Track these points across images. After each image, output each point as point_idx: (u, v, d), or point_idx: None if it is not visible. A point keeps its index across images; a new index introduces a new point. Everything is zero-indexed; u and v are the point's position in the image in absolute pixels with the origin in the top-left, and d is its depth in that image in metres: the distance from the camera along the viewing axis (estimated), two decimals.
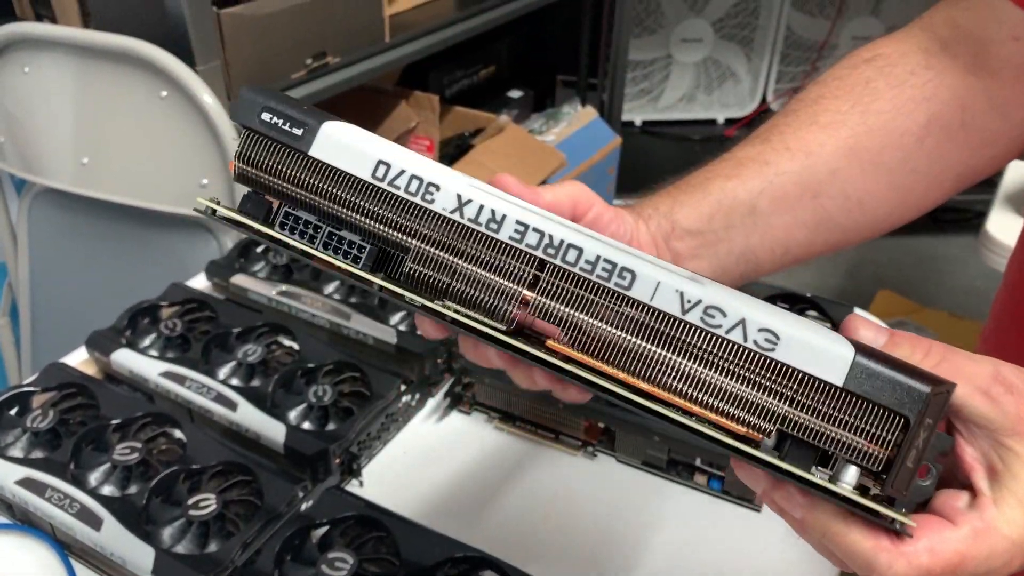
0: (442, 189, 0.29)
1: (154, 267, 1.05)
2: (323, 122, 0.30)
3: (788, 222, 0.41)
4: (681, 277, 0.27)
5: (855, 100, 0.41)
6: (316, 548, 0.48)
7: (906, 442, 0.25)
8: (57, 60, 0.99)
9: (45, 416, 0.57)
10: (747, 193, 0.40)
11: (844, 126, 0.41)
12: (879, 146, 0.41)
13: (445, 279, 0.29)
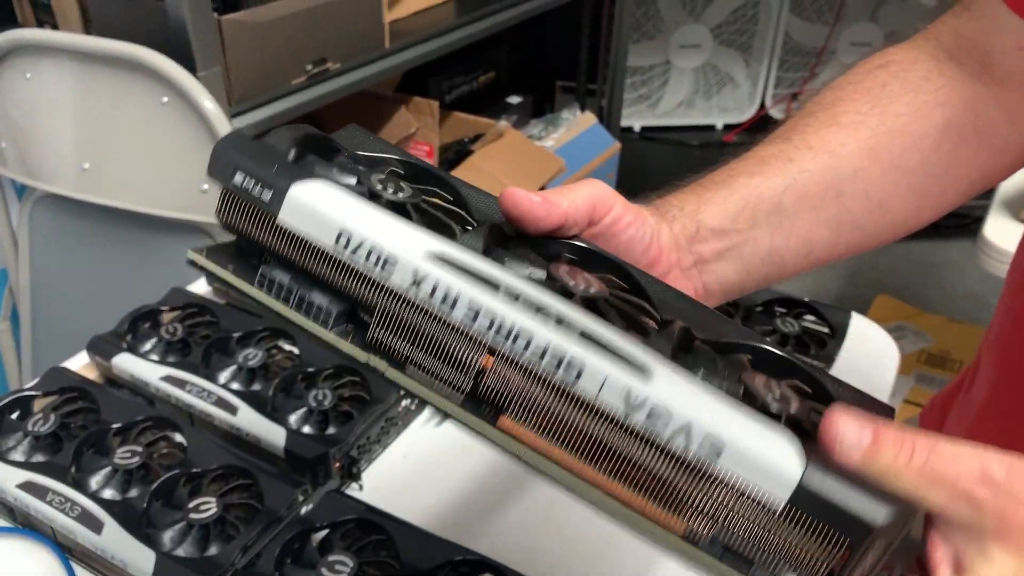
0: (399, 264, 0.29)
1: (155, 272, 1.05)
2: (292, 184, 0.30)
3: (812, 221, 0.40)
4: (630, 376, 0.26)
5: (873, 102, 0.41)
6: (316, 551, 0.48)
7: (850, 565, 0.24)
8: (58, 66, 1.00)
9: (46, 420, 0.57)
10: (771, 190, 0.39)
11: (865, 127, 0.41)
12: (899, 148, 0.41)
13: (405, 349, 0.29)
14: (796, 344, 0.65)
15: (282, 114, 1.09)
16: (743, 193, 0.39)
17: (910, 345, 1.78)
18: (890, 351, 0.73)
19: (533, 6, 1.60)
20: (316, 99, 1.13)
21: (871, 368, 0.70)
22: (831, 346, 0.65)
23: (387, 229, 0.29)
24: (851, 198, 0.40)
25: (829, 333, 0.66)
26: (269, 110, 1.07)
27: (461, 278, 0.28)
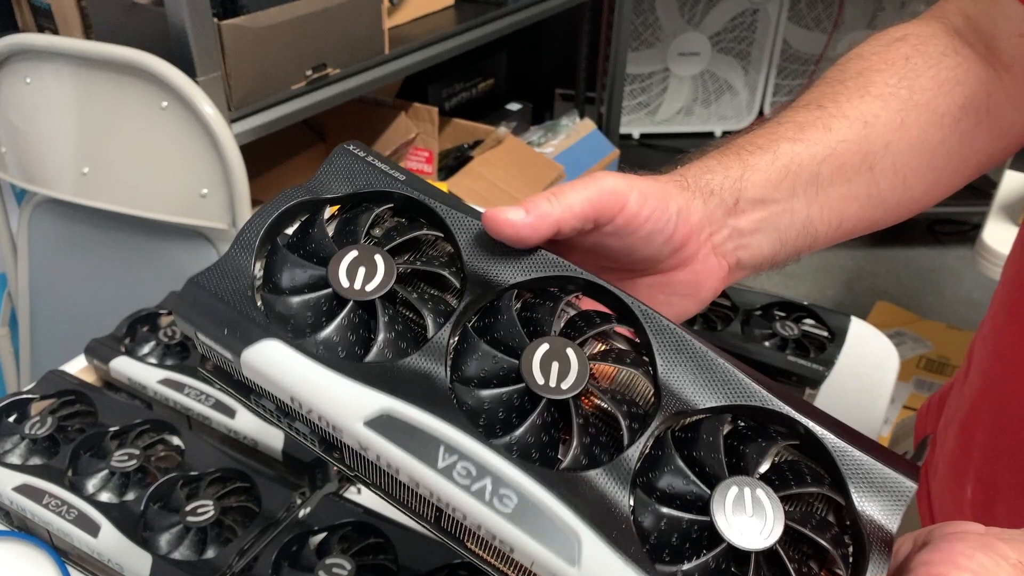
0: (344, 433, 0.30)
1: (154, 276, 1.05)
2: (243, 350, 0.31)
3: (845, 193, 0.39)
4: (556, 559, 0.27)
5: (901, 75, 0.40)
6: (314, 554, 0.48)
7: None
8: (58, 71, 1.00)
9: (43, 423, 0.57)
10: (811, 159, 0.38)
11: (895, 99, 0.40)
12: (925, 123, 0.40)
13: (378, 483, 0.32)
14: (795, 347, 0.65)
15: (282, 119, 1.09)
16: (785, 161, 0.38)
17: (909, 351, 1.78)
18: (890, 355, 0.73)
19: (532, 13, 1.61)
20: (315, 104, 1.13)
21: (871, 372, 0.70)
22: (830, 350, 0.65)
23: (331, 397, 0.30)
24: (881, 172, 0.40)
25: (828, 337, 0.66)
26: (268, 115, 1.07)
27: (400, 447, 0.29)
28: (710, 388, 0.31)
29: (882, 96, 0.40)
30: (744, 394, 0.31)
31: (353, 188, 0.36)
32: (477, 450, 0.29)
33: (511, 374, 0.31)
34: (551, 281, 0.33)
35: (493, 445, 0.29)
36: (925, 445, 0.57)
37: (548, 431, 0.30)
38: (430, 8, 1.42)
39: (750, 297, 0.70)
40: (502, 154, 1.59)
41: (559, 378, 0.30)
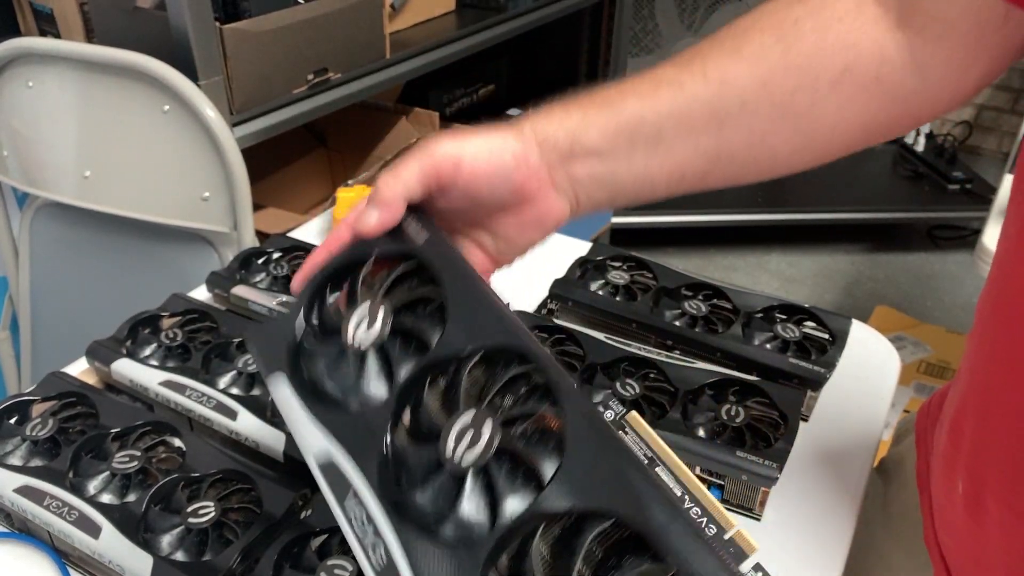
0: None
1: (155, 280, 1.05)
2: (265, 377, 0.42)
3: (689, 149, 0.41)
4: None
5: (780, 37, 0.41)
6: (315, 555, 0.48)
7: None
8: (60, 74, 1.00)
9: (44, 425, 0.57)
10: (656, 115, 0.40)
11: (764, 61, 0.40)
12: (793, 87, 0.40)
13: None
14: (797, 349, 0.65)
15: (283, 123, 1.09)
16: (627, 116, 0.40)
17: (909, 355, 1.78)
18: (891, 357, 0.73)
19: (533, 19, 1.61)
20: (317, 108, 1.13)
21: (872, 374, 0.70)
22: (832, 352, 0.65)
23: (299, 431, 0.39)
24: (733, 130, 0.41)
25: (830, 339, 0.66)
26: (270, 119, 1.08)
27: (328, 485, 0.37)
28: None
29: (752, 56, 0.40)
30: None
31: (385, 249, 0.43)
32: (371, 503, 0.33)
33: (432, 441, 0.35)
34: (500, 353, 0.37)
35: (388, 502, 0.33)
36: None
37: (447, 496, 0.33)
38: (431, 13, 1.43)
39: (751, 299, 0.70)
40: None
41: (468, 447, 0.34)
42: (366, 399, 0.38)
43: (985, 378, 0.46)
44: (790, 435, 0.57)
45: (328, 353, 0.40)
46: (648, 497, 0.31)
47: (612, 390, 0.60)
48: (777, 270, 2.21)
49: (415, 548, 0.32)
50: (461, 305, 0.39)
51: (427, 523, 0.33)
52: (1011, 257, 0.40)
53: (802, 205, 2.16)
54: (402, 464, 0.35)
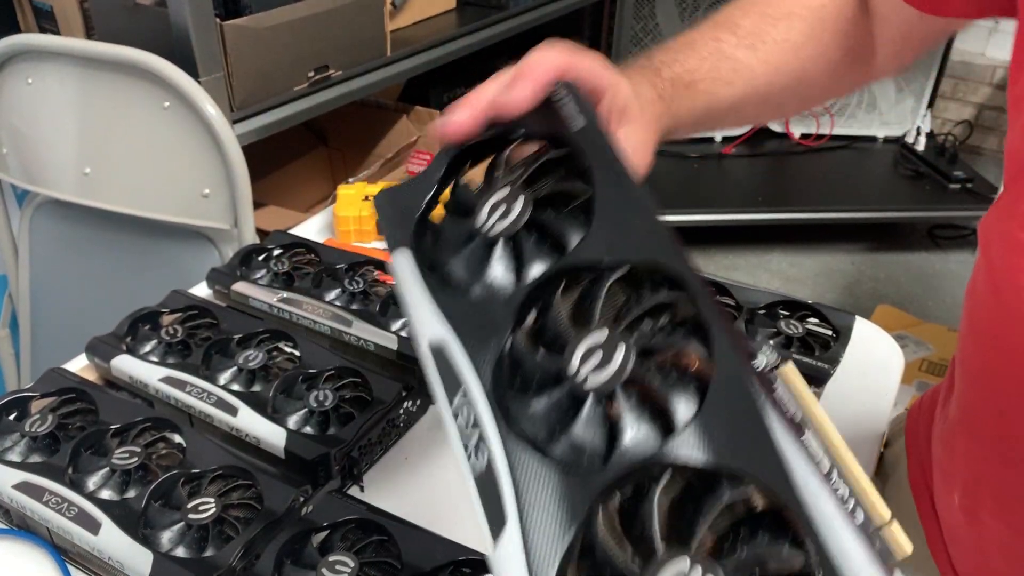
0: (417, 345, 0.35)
1: (156, 277, 1.05)
2: (391, 251, 0.39)
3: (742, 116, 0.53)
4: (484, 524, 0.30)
5: (811, 27, 0.51)
6: (316, 552, 0.48)
7: None
8: (60, 71, 1.00)
9: (44, 421, 0.56)
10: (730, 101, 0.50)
11: (803, 50, 0.51)
12: (819, 71, 0.52)
13: None
14: (800, 346, 0.64)
15: (284, 120, 1.09)
16: (709, 104, 0.49)
17: (911, 354, 1.77)
18: (894, 354, 0.72)
19: (533, 17, 1.61)
20: (317, 106, 1.13)
21: (875, 371, 0.70)
22: (835, 348, 0.64)
23: (416, 312, 0.36)
24: (771, 105, 0.53)
25: (833, 336, 0.66)
26: (271, 116, 1.07)
27: (439, 375, 0.33)
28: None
29: (795, 48, 0.51)
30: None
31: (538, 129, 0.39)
32: (481, 405, 0.30)
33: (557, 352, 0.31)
34: (649, 271, 0.33)
35: (498, 407, 0.30)
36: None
37: (562, 415, 0.30)
38: (432, 11, 1.43)
39: (754, 296, 0.69)
40: None
41: (595, 369, 0.30)
42: (491, 290, 0.34)
43: (971, 398, 0.46)
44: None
45: (457, 233, 0.36)
46: (798, 469, 0.26)
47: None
48: (778, 269, 2.21)
49: (520, 462, 0.29)
50: (612, 207, 0.34)
51: (537, 438, 0.29)
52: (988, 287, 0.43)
53: (803, 204, 2.16)
54: (519, 368, 0.31)
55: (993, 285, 0.42)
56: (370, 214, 0.88)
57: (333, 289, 0.72)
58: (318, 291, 0.72)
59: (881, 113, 2.46)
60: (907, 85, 2.40)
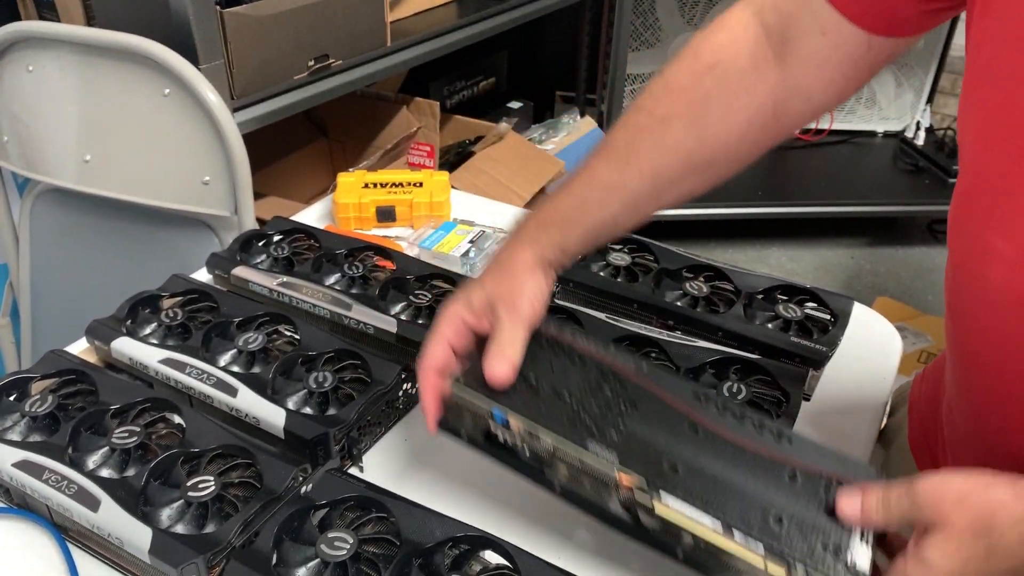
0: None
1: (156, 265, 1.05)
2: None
3: (634, 220, 0.53)
4: None
5: (693, 121, 0.50)
6: (315, 529, 0.48)
7: None
8: (60, 58, 1.00)
9: (44, 401, 0.56)
10: (612, 217, 0.52)
11: (683, 148, 0.50)
12: (710, 156, 0.51)
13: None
14: (798, 328, 0.65)
15: (284, 109, 1.09)
16: (592, 227, 0.52)
17: (910, 345, 1.77)
18: (892, 339, 0.72)
19: (533, 8, 1.61)
20: (317, 95, 1.13)
21: (874, 355, 0.70)
22: (834, 331, 0.64)
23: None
24: (668, 197, 0.52)
25: (831, 319, 0.66)
26: (271, 104, 1.07)
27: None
28: None
29: (674, 147, 0.51)
30: None
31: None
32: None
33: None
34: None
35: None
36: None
37: None
38: (432, 2, 1.43)
39: (752, 280, 0.70)
40: (503, 150, 1.59)
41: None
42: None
43: (957, 375, 0.48)
44: (792, 413, 0.57)
45: None
46: None
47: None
48: (778, 263, 2.21)
49: None
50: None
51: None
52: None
53: (802, 199, 2.16)
54: None
55: (963, 282, 0.44)
56: (369, 201, 0.88)
57: (333, 274, 0.72)
58: (318, 275, 0.72)
59: (880, 108, 2.46)
60: (906, 80, 2.40)
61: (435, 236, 0.85)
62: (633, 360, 0.51)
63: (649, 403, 0.47)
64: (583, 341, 0.51)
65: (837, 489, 0.42)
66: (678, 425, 0.46)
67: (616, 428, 0.45)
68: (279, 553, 0.46)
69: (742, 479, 0.44)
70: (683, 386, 0.49)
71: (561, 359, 0.50)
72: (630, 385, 0.48)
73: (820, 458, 0.44)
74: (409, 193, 0.89)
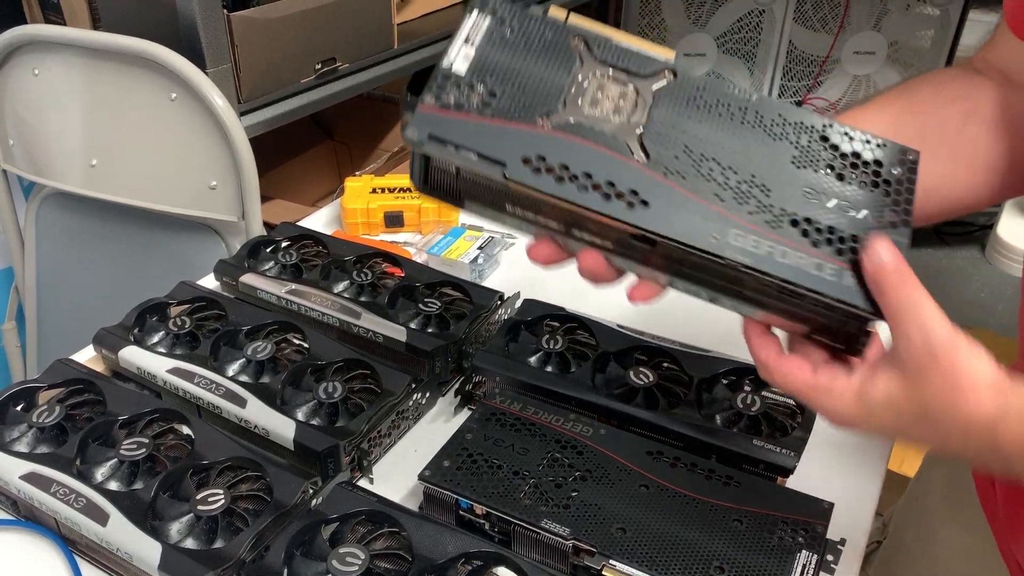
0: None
1: (162, 270, 1.05)
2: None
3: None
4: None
5: (953, 143, 0.47)
6: (327, 543, 0.47)
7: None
8: (67, 62, 0.99)
9: (51, 412, 0.56)
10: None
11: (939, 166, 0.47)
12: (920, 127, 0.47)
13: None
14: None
15: (291, 112, 1.08)
16: None
17: None
18: None
19: None
20: (325, 98, 1.13)
21: None
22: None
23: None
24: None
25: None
26: (278, 108, 1.07)
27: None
28: None
29: (951, 99, 0.48)
30: None
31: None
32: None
33: None
34: None
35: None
36: None
37: None
38: (439, 4, 1.42)
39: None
40: None
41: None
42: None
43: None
44: (807, 423, 0.56)
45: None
46: None
47: (626, 378, 0.59)
48: None
49: None
50: None
51: None
52: None
53: None
54: None
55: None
56: (378, 207, 0.88)
57: (341, 281, 0.71)
58: (326, 283, 0.71)
59: None
60: None
61: (443, 242, 0.84)
62: (592, 426, 0.55)
63: (603, 468, 0.52)
64: (544, 414, 0.55)
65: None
66: (629, 486, 0.50)
67: (569, 498, 0.49)
68: (290, 569, 0.46)
69: (688, 530, 0.47)
70: (636, 446, 0.54)
71: (522, 435, 0.54)
72: (586, 452, 0.53)
73: (773, 494, 0.50)
74: (417, 198, 0.89)
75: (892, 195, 0.39)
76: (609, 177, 0.36)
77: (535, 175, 0.36)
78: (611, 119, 0.38)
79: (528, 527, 0.48)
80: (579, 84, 0.38)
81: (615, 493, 0.50)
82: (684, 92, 0.39)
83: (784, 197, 0.38)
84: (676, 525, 0.48)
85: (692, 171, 0.37)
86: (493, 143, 0.36)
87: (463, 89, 0.38)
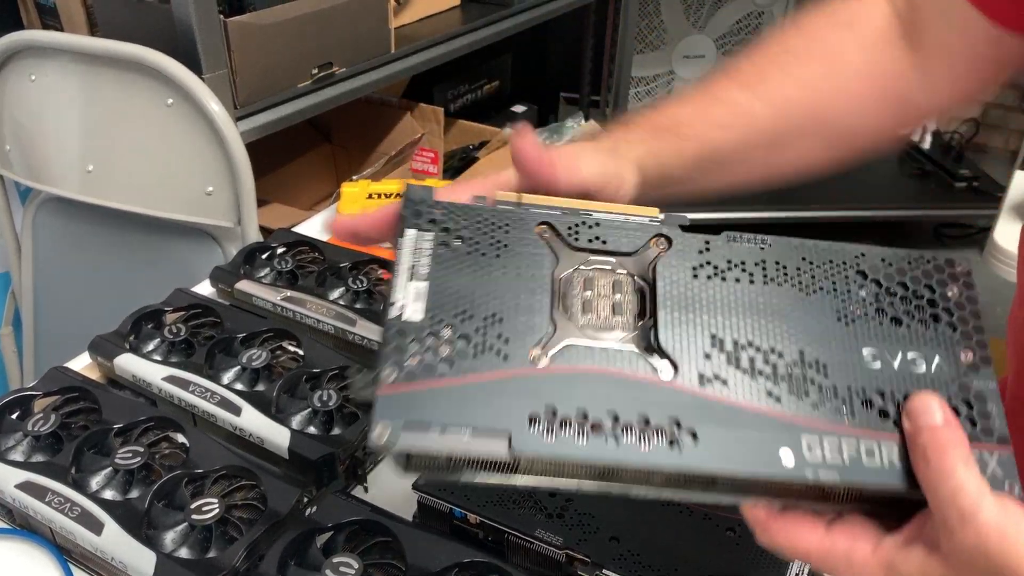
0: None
1: (159, 275, 1.05)
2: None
3: (744, 170, 0.47)
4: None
5: (827, 65, 0.46)
6: (320, 553, 0.47)
7: None
8: (63, 68, 0.99)
9: (46, 420, 0.56)
10: (729, 147, 0.45)
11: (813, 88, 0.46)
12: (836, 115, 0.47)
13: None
14: None
15: (288, 117, 1.08)
16: (705, 146, 0.44)
17: None
18: None
19: (538, 14, 1.60)
20: (321, 103, 1.13)
21: None
22: None
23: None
24: (785, 155, 0.47)
25: None
26: (274, 113, 1.07)
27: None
28: None
29: (805, 83, 0.46)
30: None
31: None
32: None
33: None
34: None
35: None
36: None
37: None
38: (436, 8, 1.42)
39: None
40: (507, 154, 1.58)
41: None
42: None
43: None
44: None
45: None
46: None
47: None
48: None
49: None
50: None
51: None
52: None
53: (808, 203, 2.15)
54: None
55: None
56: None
57: (337, 288, 0.71)
58: (322, 290, 0.71)
59: None
60: None
61: None
62: None
63: None
64: None
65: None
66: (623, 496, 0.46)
67: (563, 508, 0.49)
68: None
69: (681, 540, 0.47)
70: None
71: None
72: None
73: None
74: None
75: (959, 326, 0.31)
76: (641, 410, 0.29)
77: (550, 440, 0.28)
78: (612, 323, 0.31)
79: (522, 537, 0.48)
80: (564, 290, 0.31)
81: (609, 503, 0.50)
82: (686, 261, 0.32)
83: (846, 372, 0.30)
84: (670, 535, 0.48)
85: (731, 369, 0.30)
86: (487, 407, 0.28)
87: (425, 343, 0.30)
